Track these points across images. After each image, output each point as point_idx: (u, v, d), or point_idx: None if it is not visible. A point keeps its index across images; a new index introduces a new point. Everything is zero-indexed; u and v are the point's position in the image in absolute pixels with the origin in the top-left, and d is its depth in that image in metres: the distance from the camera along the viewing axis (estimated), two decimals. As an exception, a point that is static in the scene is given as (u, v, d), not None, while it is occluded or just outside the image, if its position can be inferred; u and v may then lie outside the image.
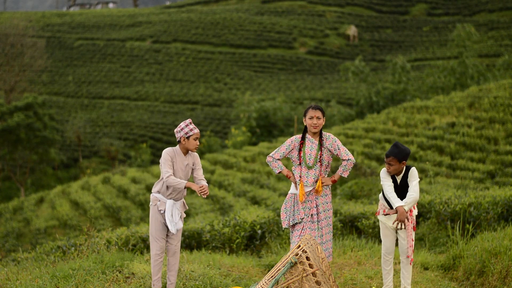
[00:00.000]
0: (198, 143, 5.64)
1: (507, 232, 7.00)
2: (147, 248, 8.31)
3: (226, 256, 7.72)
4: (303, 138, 5.81)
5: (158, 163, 37.86)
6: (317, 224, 5.75)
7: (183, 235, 8.70)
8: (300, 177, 5.76)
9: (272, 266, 7.03)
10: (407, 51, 60.47)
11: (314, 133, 5.79)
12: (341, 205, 10.95)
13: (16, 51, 44.99)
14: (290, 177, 5.80)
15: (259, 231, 8.65)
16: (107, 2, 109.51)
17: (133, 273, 6.27)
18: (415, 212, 5.88)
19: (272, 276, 5.13)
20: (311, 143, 5.78)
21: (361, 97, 37.75)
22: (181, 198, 5.66)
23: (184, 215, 5.72)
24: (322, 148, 5.76)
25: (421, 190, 12.95)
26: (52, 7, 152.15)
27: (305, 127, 5.85)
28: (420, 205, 9.73)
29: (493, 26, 61.46)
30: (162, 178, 5.55)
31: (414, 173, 5.75)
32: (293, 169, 5.89)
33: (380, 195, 5.98)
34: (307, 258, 5.06)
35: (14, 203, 27.44)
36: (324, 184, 5.76)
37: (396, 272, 6.73)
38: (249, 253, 8.48)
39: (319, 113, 5.71)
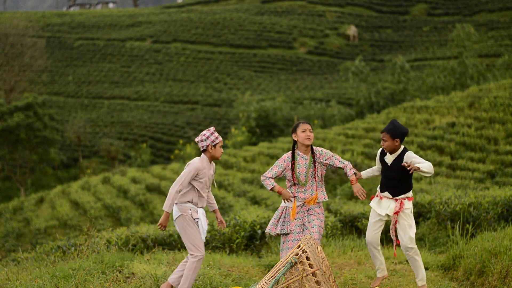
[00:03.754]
0: (222, 150, 5.66)
1: (507, 232, 7.00)
2: (147, 248, 8.32)
3: (226, 256, 7.72)
4: (293, 157, 5.78)
5: (158, 163, 37.88)
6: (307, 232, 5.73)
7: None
8: (295, 196, 5.77)
9: (272, 266, 7.03)
10: (407, 51, 60.46)
11: (306, 147, 5.78)
12: (341, 205, 10.95)
13: (16, 51, 45.00)
14: (281, 192, 5.73)
15: (259, 231, 8.66)
16: (107, 2, 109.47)
17: (133, 273, 6.27)
18: (407, 204, 5.76)
19: (272, 276, 5.13)
20: (304, 160, 5.77)
21: (361, 97, 37.75)
22: (204, 206, 5.70)
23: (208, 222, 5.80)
24: (316, 164, 5.76)
25: (421, 190, 12.95)
26: (52, 7, 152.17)
27: (294, 144, 5.84)
28: (420, 205, 9.73)
29: (493, 26, 61.45)
30: (191, 189, 5.54)
31: (411, 155, 5.66)
32: (287, 188, 5.88)
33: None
34: (307, 258, 5.06)
35: (14, 203, 27.44)
36: (357, 190, 5.70)
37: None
38: (249, 253, 8.48)
39: (310, 127, 5.76)
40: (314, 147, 5.83)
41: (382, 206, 5.82)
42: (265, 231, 5.98)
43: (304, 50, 63.05)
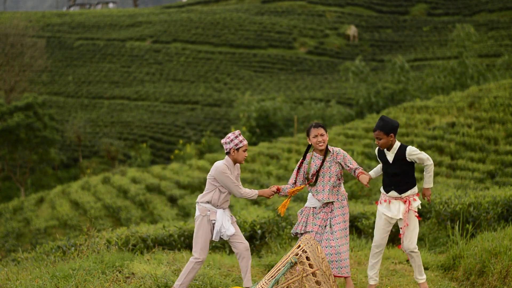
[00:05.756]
0: (246, 155, 5.66)
1: (507, 232, 7.00)
2: (147, 248, 8.31)
3: (226, 256, 7.72)
4: (304, 157, 5.83)
5: (158, 163, 37.86)
6: (331, 235, 5.73)
7: (183, 235, 8.73)
8: (285, 192, 5.82)
9: (272, 266, 7.03)
10: (407, 51, 60.45)
11: (321, 150, 5.81)
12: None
13: (16, 51, 44.98)
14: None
15: (259, 231, 8.66)
16: (107, 2, 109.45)
17: (133, 273, 6.27)
18: (415, 204, 5.75)
19: (272, 276, 5.13)
20: (319, 161, 5.80)
21: (360, 97, 37.75)
22: (227, 206, 5.69)
23: (235, 219, 5.76)
24: (330, 164, 5.76)
25: (421, 190, 12.92)
26: (52, 7, 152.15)
27: (308, 146, 5.88)
28: (420, 205, 9.73)
29: (493, 26, 61.45)
30: (213, 190, 5.55)
31: (412, 151, 5.60)
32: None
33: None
34: (307, 258, 5.06)
35: (14, 203, 27.43)
36: (363, 181, 5.67)
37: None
38: (249, 253, 8.47)
39: (321, 130, 5.74)
40: (329, 147, 5.82)
41: (392, 209, 5.73)
42: (291, 232, 5.99)
43: (304, 50, 63.05)
